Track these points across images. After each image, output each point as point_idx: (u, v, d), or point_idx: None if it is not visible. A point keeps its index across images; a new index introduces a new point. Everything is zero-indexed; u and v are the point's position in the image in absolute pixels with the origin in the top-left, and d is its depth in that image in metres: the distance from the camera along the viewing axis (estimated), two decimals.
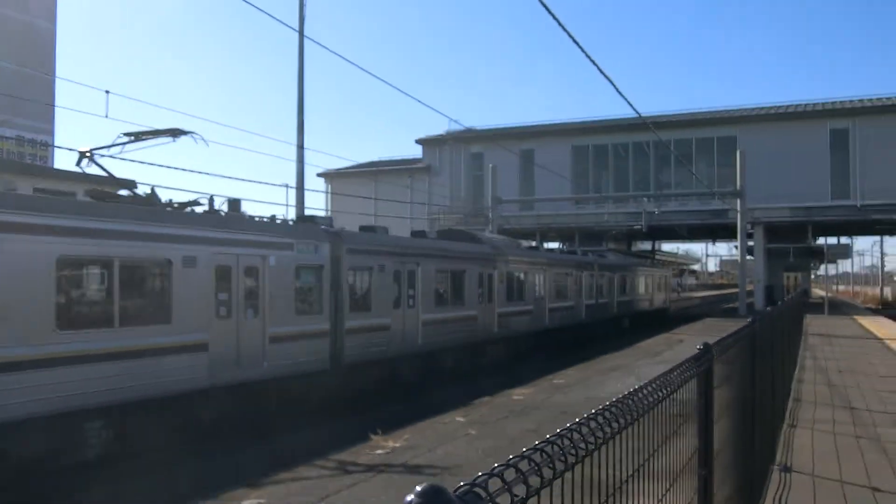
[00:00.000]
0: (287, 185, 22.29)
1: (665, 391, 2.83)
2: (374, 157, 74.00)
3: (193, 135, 14.93)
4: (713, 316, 45.57)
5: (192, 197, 17.29)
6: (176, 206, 14.48)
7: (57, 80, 43.45)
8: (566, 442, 1.88)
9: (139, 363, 12.18)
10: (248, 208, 16.85)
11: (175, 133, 14.95)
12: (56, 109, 43.62)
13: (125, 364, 11.93)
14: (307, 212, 26.35)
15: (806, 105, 50.20)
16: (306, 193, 26.37)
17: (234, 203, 15.45)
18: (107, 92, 18.23)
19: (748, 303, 43.75)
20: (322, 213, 45.90)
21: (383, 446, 10.91)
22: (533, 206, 50.69)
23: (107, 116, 18.11)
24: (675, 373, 3.22)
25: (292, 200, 27.06)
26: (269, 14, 14.38)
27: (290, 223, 17.40)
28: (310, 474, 9.43)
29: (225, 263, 14.09)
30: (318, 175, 59.02)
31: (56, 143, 41.76)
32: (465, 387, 18.22)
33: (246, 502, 8.39)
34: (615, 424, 2.21)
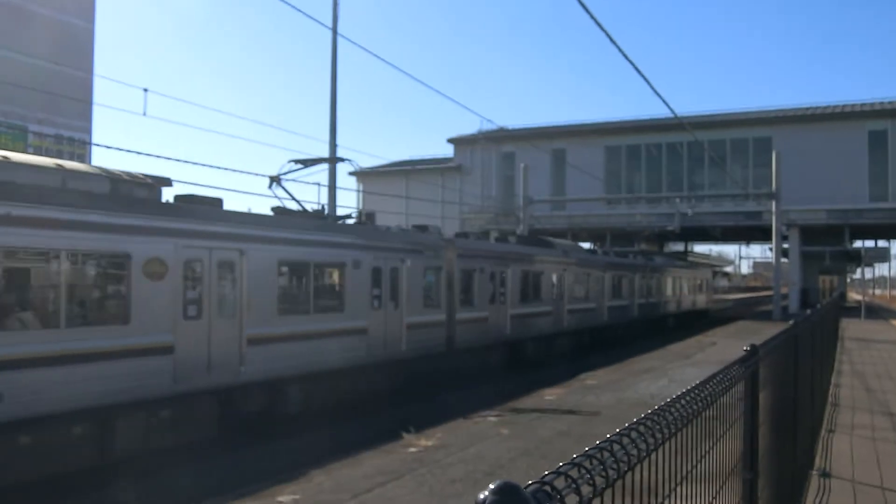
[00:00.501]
0: (319, 184, 22.35)
1: (715, 392, 2.77)
2: (406, 157, 74.13)
3: (351, 161, 17.96)
4: (746, 319, 45.04)
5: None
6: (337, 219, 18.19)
7: (95, 79, 44.07)
8: (622, 445, 1.84)
9: (324, 342, 15.51)
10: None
11: (336, 160, 18.96)
12: (94, 107, 44.26)
13: (315, 343, 15.25)
14: (338, 210, 26.42)
15: (844, 106, 49.42)
16: (338, 192, 26.46)
17: (370, 216, 19.84)
18: (145, 90, 18.48)
19: (782, 306, 43.17)
20: (354, 212, 46.00)
21: (416, 445, 10.90)
22: (564, 206, 50.46)
23: (145, 114, 18.32)
24: (722, 375, 3.16)
25: (324, 198, 27.13)
26: (304, 13, 14.45)
27: (416, 231, 20.79)
28: (342, 471, 9.45)
29: (377, 266, 17.37)
30: (350, 174, 59.37)
31: (94, 141, 42.33)
32: (517, 380, 20.29)
33: (280, 498, 8.42)
34: (668, 429, 2.16)
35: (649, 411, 2.14)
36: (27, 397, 10.19)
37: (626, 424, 2.12)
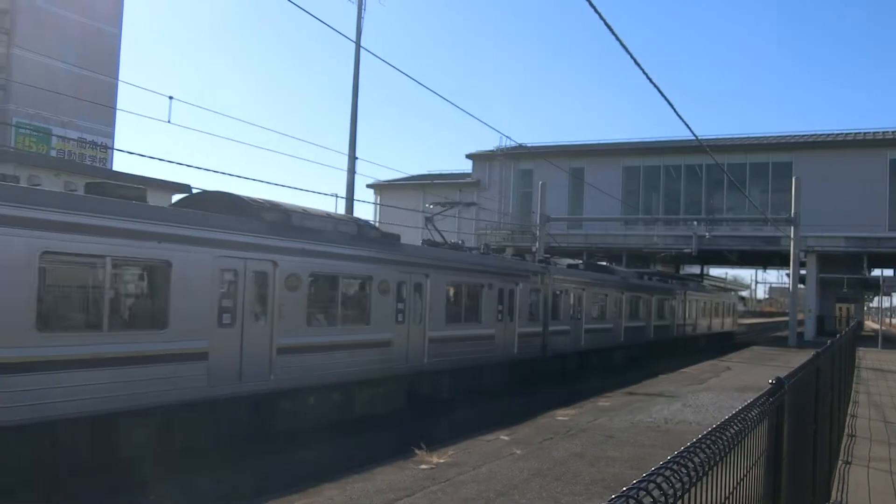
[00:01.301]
0: (337, 195, 22.46)
1: (743, 430, 2.74)
2: (424, 170, 74.29)
3: (478, 206, 19.63)
4: (761, 344, 44.70)
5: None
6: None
7: (120, 85, 44.49)
8: (657, 484, 1.82)
9: (468, 345, 20.05)
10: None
11: (469, 204, 22.82)
12: (118, 113, 44.63)
13: (462, 343, 19.80)
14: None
15: (865, 133, 49.15)
16: (355, 204, 26.51)
17: (487, 246, 25.11)
18: (170, 98, 18.60)
19: (798, 332, 42.83)
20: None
21: (427, 461, 10.86)
22: (581, 225, 50.38)
23: (169, 122, 18.45)
24: (747, 413, 3.13)
25: (341, 210, 27.20)
26: (328, 25, 14.52)
27: (519, 258, 26.49)
28: (355, 486, 9.42)
29: (502, 287, 21.91)
30: (368, 186, 59.50)
31: (116, 146, 42.66)
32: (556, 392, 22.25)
33: None
34: (696, 471, 2.13)
35: (678, 452, 2.12)
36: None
37: (655, 467, 2.10)
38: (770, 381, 3.76)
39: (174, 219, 12.03)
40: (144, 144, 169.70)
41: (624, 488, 1.84)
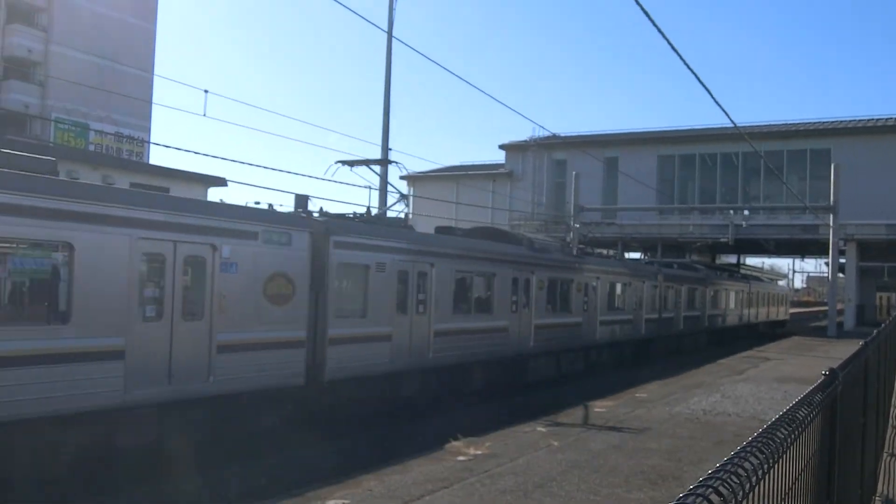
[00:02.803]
0: (370, 187, 22.45)
1: (799, 429, 2.65)
2: (456, 161, 74.17)
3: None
4: (800, 334, 44.04)
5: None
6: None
7: (155, 79, 44.96)
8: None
9: (561, 331, 23.16)
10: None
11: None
12: (153, 107, 45.14)
13: (562, 330, 23.19)
14: (389, 213, 26.50)
15: None
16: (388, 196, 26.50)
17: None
18: (205, 91, 18.71)
19: (837, 322, 42.11)
20: (403, 216, 46.37)
21: (464, 453, 10.82)
22: (616, 215, 49.97)
23: (205, 115, 18.57)
24: (795, 410, 3.02)
25: (374, 201, 27.20)
26: (360, 15, 14.44)
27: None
28: (392, 478, 9.42)
29: (583, 282, 25.17)
30: (401, 178, 59.62)
31: (152, 140, 43.16)
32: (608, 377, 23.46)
33: (330, 502, 8.42)
34: (757, 474, 2.05)
35: (728, 457, 2.04)
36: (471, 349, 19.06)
37: (710, 471, 2.01)
38: (823, 372, 3.64)
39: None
40: (180, 137, 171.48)
41: (681, 494, 1.76)
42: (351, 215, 16.95)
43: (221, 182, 30.86)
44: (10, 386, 9.37)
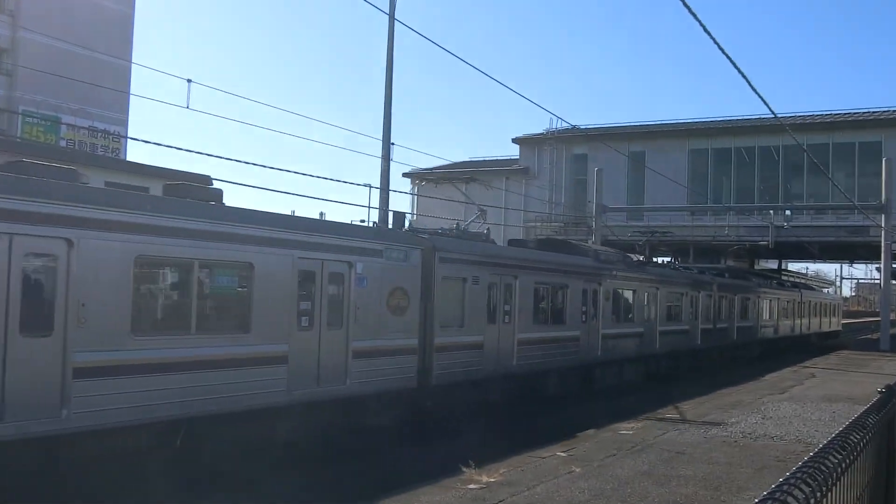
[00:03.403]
0: (370, 186, 22.49)
1: (855, 452, 2.63)
2: (465, 158, 74.22)
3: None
4: (848, 347, 43.89)
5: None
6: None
7: (133, 68, 45.10)
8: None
9: (626, 341, 26.15)
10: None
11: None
12: (132, 99, 45.24)
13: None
14: (391, 215, 26.56)
15: None
16: (390, 195, 26.55)
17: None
18: (189, 81, 18.78)
19: (892, 334, 41.93)
20: (408, 217, 46.54)
21: (476, 480, 10.82)
22: (642, 216, 49.89)
23: (188, 107, 18.61)
24: (853, 433, 3.00)
25: (374, 202, 27.27)
26: None
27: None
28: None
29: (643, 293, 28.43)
30: (404, 175, 59.55)
31: (130, 135, 43.30)
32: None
33: None
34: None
35: (774, 485, 2.03)
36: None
37: (756, 500, 2.00)
38: (878, 390, 3.62)
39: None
40: (161, 132, 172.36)
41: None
42: (439, 230, 20.25)
43: (206, 181, 30.89)
44: (212, 385, 12.12)
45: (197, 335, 12.03)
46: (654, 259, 45.86)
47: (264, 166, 23.14)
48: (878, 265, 44.61)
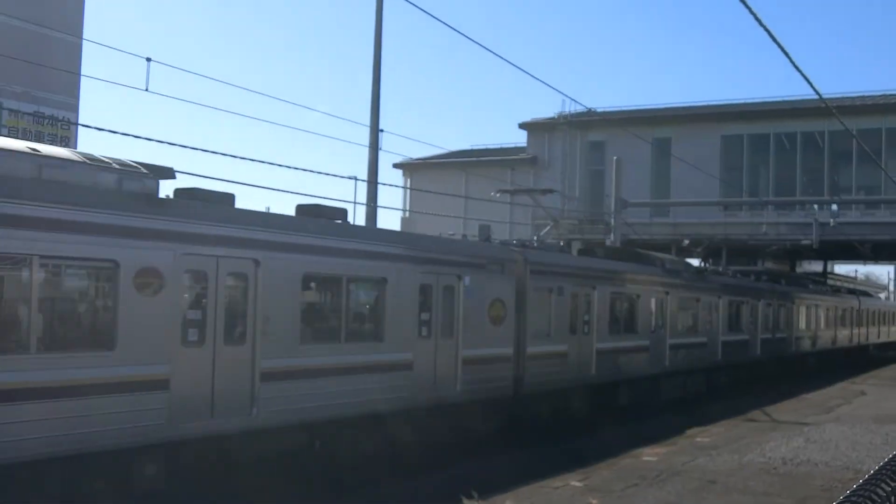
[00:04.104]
0: (356, 178, 22.49)
1: None
2: (465, 146, 74.29)
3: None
4: None
5: None
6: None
7: (86, 45, 45.04)
8: None
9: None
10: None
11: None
12: (83, 80, 45.18)
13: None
14: (380, 211, 26.58)
15: None
16: (379, 188, 26.53)
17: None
18: (148, 60, 18.77)
19: None
20: (399, 212, 46.66)
21: None
22: (668, 212, 49.90)
23: (147, 90, 18.61)
24: None
25: (361, 196, 27.27)
26: None
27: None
28: None
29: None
30: (395, 166, 59.60)
31: (81, 121, 43.25)
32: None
33: None
34: None
35: None
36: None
37: None
38: None
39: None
40: (116, 118, 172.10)
41: None
42: (515, 241, 23.22)
43: (169, 173, 30.84)
44: (363, 389, 14.86)
45: (346, 343, 14.90)
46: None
47: (234, 156, 23.07)
48: None
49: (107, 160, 12.24)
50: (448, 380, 17.09)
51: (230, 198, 14.37)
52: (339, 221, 16.12)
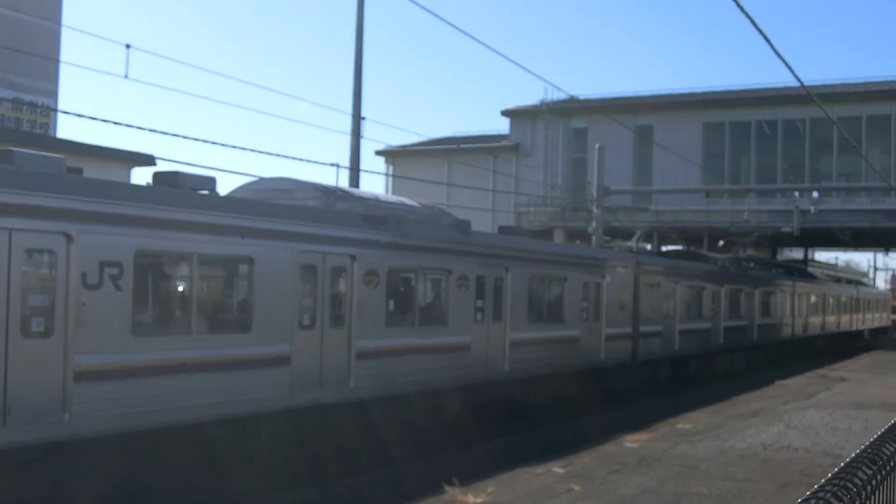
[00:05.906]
0: (338, 165, 22.40)
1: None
2: (448, 133, 74.12)
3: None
4: (882, 348, 44.32)
5: None
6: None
7: (65, 32, 44.69)
8: None
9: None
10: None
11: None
12: (62, 66, 44.85)
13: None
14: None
15: None
16: (361, 175, 26.48)
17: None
18: (127, 46, 18.63)
19: None
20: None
21: (461, 501, 10.88)
22: (650, 199, 50.04)
23: (126, 77, 18.48)
24: (886, 444, 3.05)
25: (343, 183, 27.19)
26: None
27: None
28: None
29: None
30: (377, 153, 59.48)
31: (60, 108, 42.98)
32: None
33: None
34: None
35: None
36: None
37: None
38: None
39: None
40: (96, 105, 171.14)
41: None
42: (607, 240, 30.81)
43: (149, 161, 30.75)
44: (431, 368, 17.14)
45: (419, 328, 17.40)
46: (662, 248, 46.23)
47: (214, 143, 22.98)
48: None
49: None
50: (595, 350, 23.96)
51: (212, 181, 14.63)
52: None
